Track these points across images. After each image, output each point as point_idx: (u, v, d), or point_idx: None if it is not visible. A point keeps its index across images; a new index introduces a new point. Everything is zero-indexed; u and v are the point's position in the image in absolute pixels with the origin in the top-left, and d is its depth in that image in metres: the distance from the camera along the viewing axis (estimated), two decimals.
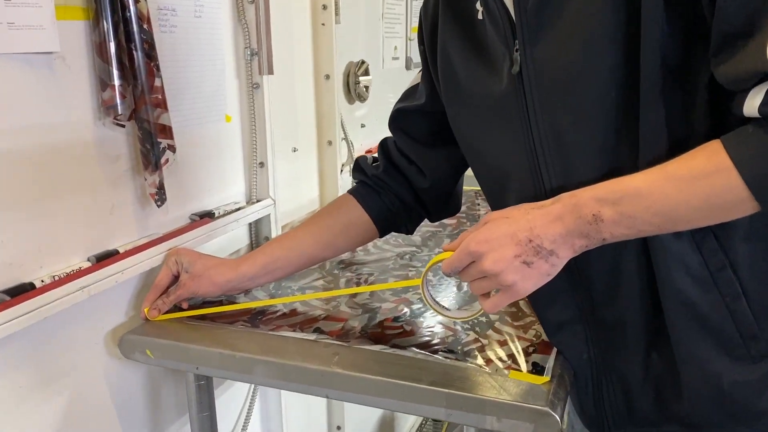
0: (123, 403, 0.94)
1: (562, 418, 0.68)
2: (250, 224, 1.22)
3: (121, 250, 0.90)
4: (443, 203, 0.99)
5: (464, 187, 1.03)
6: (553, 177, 0.70)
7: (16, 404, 0.78)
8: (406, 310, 0.92)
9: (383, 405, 0.74)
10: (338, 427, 1.65)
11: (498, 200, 0.81)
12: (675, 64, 0.62)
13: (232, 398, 1.22)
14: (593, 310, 0.74)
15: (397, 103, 0.97)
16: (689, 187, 0.58)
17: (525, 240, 0.63)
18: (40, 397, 0.81)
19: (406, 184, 0.96)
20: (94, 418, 0.89)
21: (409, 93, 0.96)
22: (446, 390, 0.71)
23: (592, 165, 0.68)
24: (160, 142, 0.90)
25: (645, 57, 0.62)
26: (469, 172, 0.94)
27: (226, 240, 1.14)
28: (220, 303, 0.95)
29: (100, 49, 0.81)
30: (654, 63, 0.62)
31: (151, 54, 0.87)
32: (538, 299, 0.81)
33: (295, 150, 1.37)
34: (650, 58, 0.61)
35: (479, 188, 0.86)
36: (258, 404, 1.31)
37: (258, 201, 1.21)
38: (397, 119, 0.96)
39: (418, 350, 0.79)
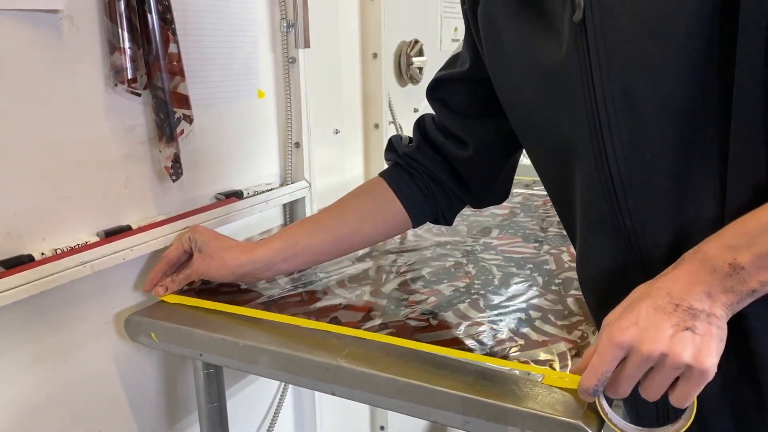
0: (134, 388, 0.89)
1: None
2: (284, 206, 1.16)
3: (135, 227, 0.86)
4: (489, 183, 0.85)
5: (520, 177, 0.91)
6: (619, 150, 0.58)
7: (11, 382, 0.74)
8: (436, 302, 0.83)
9: (392, 407, 0.65)
10: (381, 428, 1.57)
11: (558, 188, 0.70)
12: None
13: (260, 390, 1.16)
14: None
15: (437, 72, 0.86)
16: None
17: (671, 306, 0.51)
18: (39, 376, 0.77)
19: (442, 161, 0.84)
20: (101, 402, 0.85)
21: (451, 61, 0.85)
22: (463, 394, 0.61)
23: (669, 136, 0.55)
24: (175, 112, 0.84)
25: None
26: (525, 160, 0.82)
27: (256, 220, 1.08)
28: (238, 288, 0.88)
29: (109, 9, 0.76)
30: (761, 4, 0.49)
31: (166, 17, 0.81)
32: (593, 291, 0.70)
33: (337, 132, 1.30)
34: None
35: (535, 178, 0.75)
36: (290, 397, 1.24)
37: (292, 183, 1.14)
38: (436, 89, 0.84)
39: (440, 347, 0.70)
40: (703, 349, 0.50)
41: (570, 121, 0.62)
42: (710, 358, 0.50)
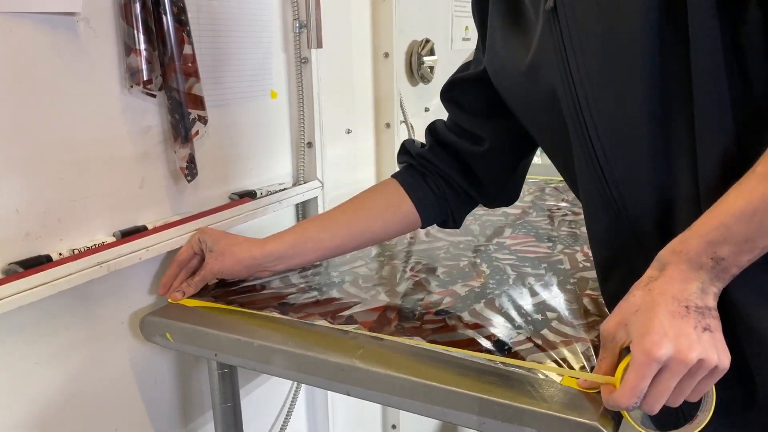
0: (149, 388, 0.90)
1: None
2: (297, 206, 1.17)
3: (151, 227, 0.86)
4: (502, 180, 0.86)
5: (531, 177, 0.92)
6: (600, 126, 0.61)
7: (30, 381, 0.75)
8: (452, 302, 0.83)
9: (407, 407, 0.65)
10: (393, 426, 1.57)
11: (567, 170, 0.72)
12: None
13: (274, 389, 1.17)
14: None
15: (451, 75, 0.87)
16: None
17: (682, 310, 0.53)
18: (57, 375, 0.78)
19: (454, 161, 0.85)
20: (116, 401, 0.86)
21: (465, 66, 0.87)
22: (479, 395, 0.61)
23: (644, 110, 0.58)
24: (190, 113, 0.84)
25: None
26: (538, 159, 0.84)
27: (269, 220, 1.08)
28: (253, 289, 0.89)
29: (125, 11, 0.77)
30: None
31: (181, 19, 0.82)
32: (596, 262, 0.71)
33: (349, 131, 1.30)
34: None
35: (545, 177, 0.77)
36: (303, 396, 1.25)
37: (305, 182, 1.14)
38: (450, 90, 0.86)
39: (456, 348, 0.70)
40: (720, 347, 0.53)
41: (555, 104, 0.65)
42: (726, 354, 0.53)
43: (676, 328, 0.52)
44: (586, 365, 0.66)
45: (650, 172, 0.59)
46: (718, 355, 0.52)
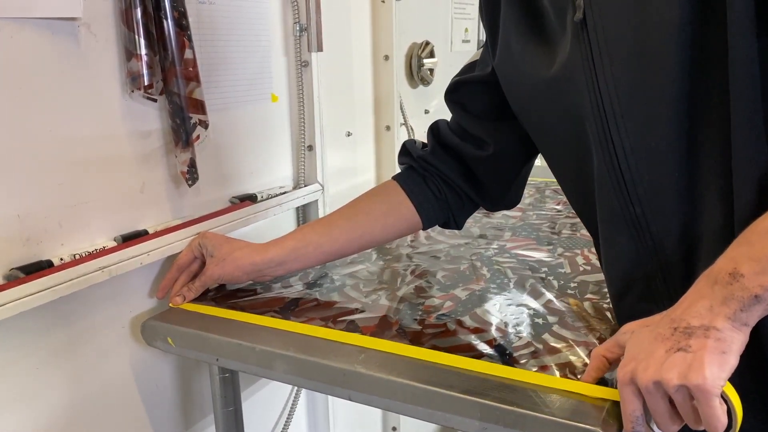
0: (151, 392, 0.90)
1: None
2: (297, 209, 1.17)
3: (152, 231, 0.86)
4: (505, 184, 0.86)
5: (531, 179, 0.91)
6: (626, 140, 0.59)
7: (31, 386, 0.75)
8: (453, 306, 0.83)
9: (409, 412, 0.65)
10: (393, 428, 1.57)
11: (578, 188, 0.71)
12: None
13: (274, 392, 1.17)
14: None
15: (455, 76, 0.86)
16: None
17: (669, 331, 0.52)
18: (57, 379, 0.78)
19: (456, 164, 0.85)
20: (118, 405, 0.86)
21: (470, 66, 0.86)
22: (480, 400, 0.61)
23: (673, 126, 0.57)
24: (191, 117, 0.84)
25: None
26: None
27: (270, 223, 1.08)
28: (254, 292, 0.89)
29: (126, 16, 0.77)
30: None
31: (182, 24, 0.82)
32: (612, 283, 0.70)
33: (349, 134, 1.30)
34: None
35: (545, 180, 0.76)
36: (303, 399, 1.25)
37: (305, 186, 1.14)
38: (455, 91, 0.85)
39: (457, 353, 0.70)
40: (694, 364, 0.49)
41: (578, 118, 0.64)
42: (699, 372, 0.48)
43: (647, 351, 0.52)
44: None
45: (676, 190, 0.58)
46: (685, 374, 0.49)
